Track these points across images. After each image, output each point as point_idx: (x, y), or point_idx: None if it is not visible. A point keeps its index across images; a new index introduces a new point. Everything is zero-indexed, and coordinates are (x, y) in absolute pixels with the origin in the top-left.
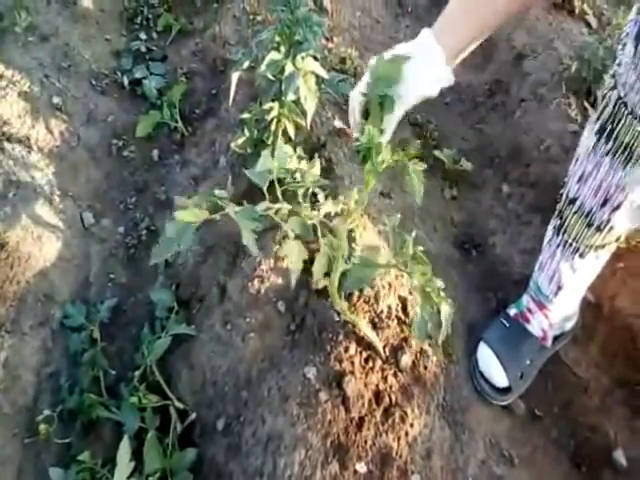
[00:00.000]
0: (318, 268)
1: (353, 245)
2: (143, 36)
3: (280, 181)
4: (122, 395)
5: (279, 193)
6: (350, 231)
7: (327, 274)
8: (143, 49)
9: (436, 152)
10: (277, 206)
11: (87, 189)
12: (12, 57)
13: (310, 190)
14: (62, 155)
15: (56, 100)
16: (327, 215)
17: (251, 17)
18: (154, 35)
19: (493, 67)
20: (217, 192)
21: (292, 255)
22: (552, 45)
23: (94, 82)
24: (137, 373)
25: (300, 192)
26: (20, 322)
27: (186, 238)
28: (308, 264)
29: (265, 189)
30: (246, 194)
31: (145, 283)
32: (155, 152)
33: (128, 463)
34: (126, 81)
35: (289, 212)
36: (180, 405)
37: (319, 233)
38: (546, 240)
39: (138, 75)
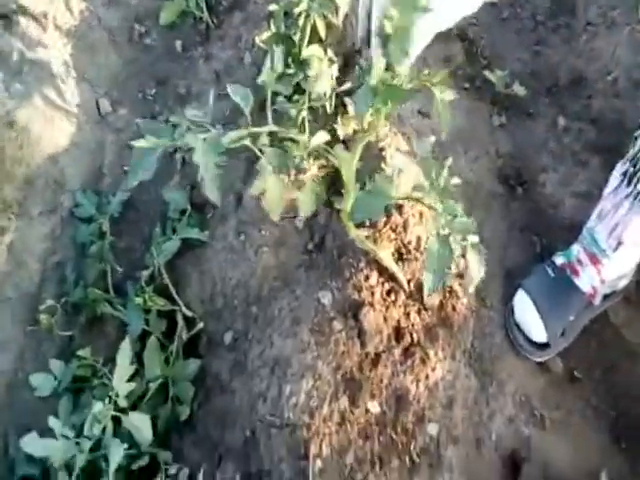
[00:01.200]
0: (303, 205)
1: (382, 165)
2: None
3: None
4: (128, 294)
5: (269, 113)
6: (380, 150)
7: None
8: None
9: (486, 72)
10: (256, 129)
11: (105, 74)
12: None
13: (304, 113)
14: (80, 35)
15: None
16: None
17: None
18: None
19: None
20: (191, 113)
21: (268, 193)
22: None
23: None
24: (145, 273)
25: (292, 112)
26: (28, 207)
27: (148, 165)
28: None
29: (247, 112)
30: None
31: (160, 180)
32: (178, 43)
33: (129, 365)
34: None
35: (270, 139)
36: (188, 312)
37: (310, 162)
38: (610, 187)
39: None
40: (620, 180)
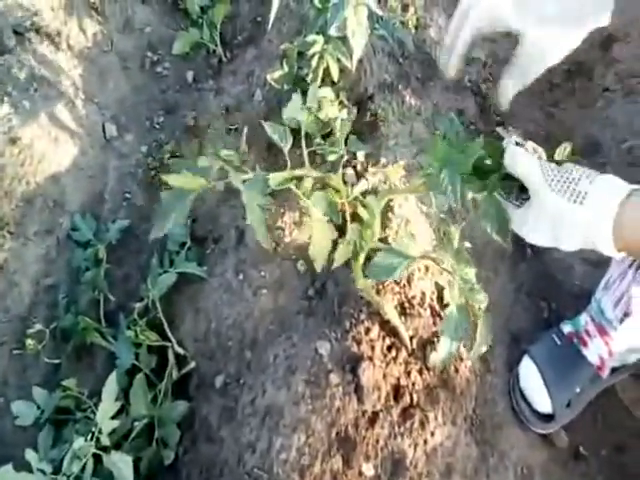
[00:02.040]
0: (340, 256)
1: (391, 223)
2: None
3: (309, 138)
4: (120, 325)
5: (305, 155)
6: (388, 206)
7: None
8: None
9: (499, 129)
10: (299, 172)
11: (114, 99)
12: None
13: (344, 155)
14: (92, 58)
15: None
16: (364, 192)
17: None
18: None
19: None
20: (224, 153)
21: (315, 239)
22: None
23: None
24: (139, 305)
25: (332, 157)
26: (25, 226)
27: (182, 208)
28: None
29: (286, 151)
30: (272, 147)
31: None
32: (190, 73)
33: (114, 402)
34: None
35: (314, 183)
36: (180, 350)
37: (347, 215)
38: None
39: None
40: None
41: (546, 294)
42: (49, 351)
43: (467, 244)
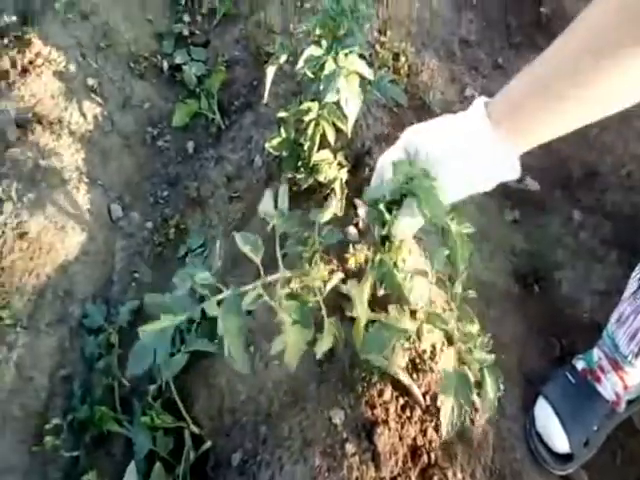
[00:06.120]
0: (320, 348)
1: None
2: (187, 18)
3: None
4: (135, 410)
5: (279, 257)
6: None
7: None
8: (186, 32)
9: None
10: (274, 277)
11: (118, 179)
12: (50, 34)
13: (317, 255)
14: (94, 141)
15: (91, 82)
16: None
17: (298, 4)
18: (198, 18)
19: None
20: (199, 276)
21: (289, 344)
22: None
23: (132, 65)
24: (152, 388)
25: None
26: (37, 318)
27: (163, 345)
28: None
29: (259, 262)
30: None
31: (170, 285)
32: (190, 144)
33: None
34: (166, 66)
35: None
36: (195, 429)
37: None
38: (630, 291)
39: (178, 60)
40: (639, 284)
41: (556, 330)
42: (67, 444)
43: (472, 293)
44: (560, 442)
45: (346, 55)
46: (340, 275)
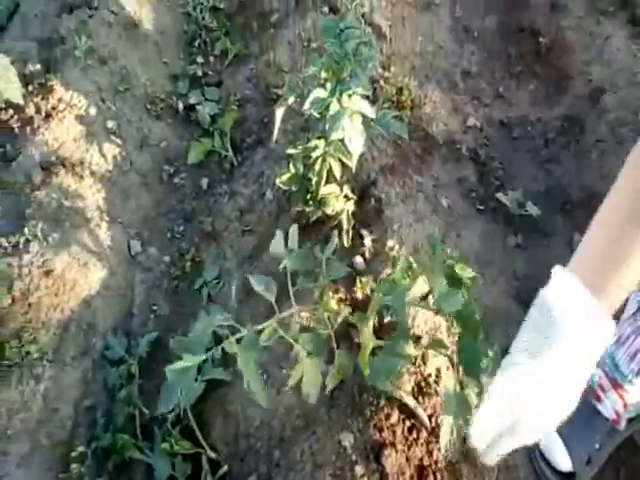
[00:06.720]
0: (330, 382)
1: None
2: (200, 60)
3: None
4: (155, 437)
5: (291, 294)
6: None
7: None
8: (199, 73)
9: (498, 195)
10: (287, 313)
11: (137, 216)
12: (71, 80)
13: (326, 286)
14: (114, 180)
15: (111, 124)
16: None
17: (305, 44)
18: (211, 59)
19: (567, 101)
20: (218, 318)
21: (306, 377)
22: (635, 80)
23: (149, 106)
24: (171, 416)
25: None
26: (62, 352)
27: (187, 383)
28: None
29: (273, 301)
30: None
31: (187, 317)
32: (205, 180)
33: None
34: (181, 106)
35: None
36: (212, 455)
37: (333, 344)
38: (629, 312)
39: (193, 100)
40: (638, 306)
41: None
42: (91, 471)
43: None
44: (563, 461)
45: (350, 96)
46: (348, 309)
